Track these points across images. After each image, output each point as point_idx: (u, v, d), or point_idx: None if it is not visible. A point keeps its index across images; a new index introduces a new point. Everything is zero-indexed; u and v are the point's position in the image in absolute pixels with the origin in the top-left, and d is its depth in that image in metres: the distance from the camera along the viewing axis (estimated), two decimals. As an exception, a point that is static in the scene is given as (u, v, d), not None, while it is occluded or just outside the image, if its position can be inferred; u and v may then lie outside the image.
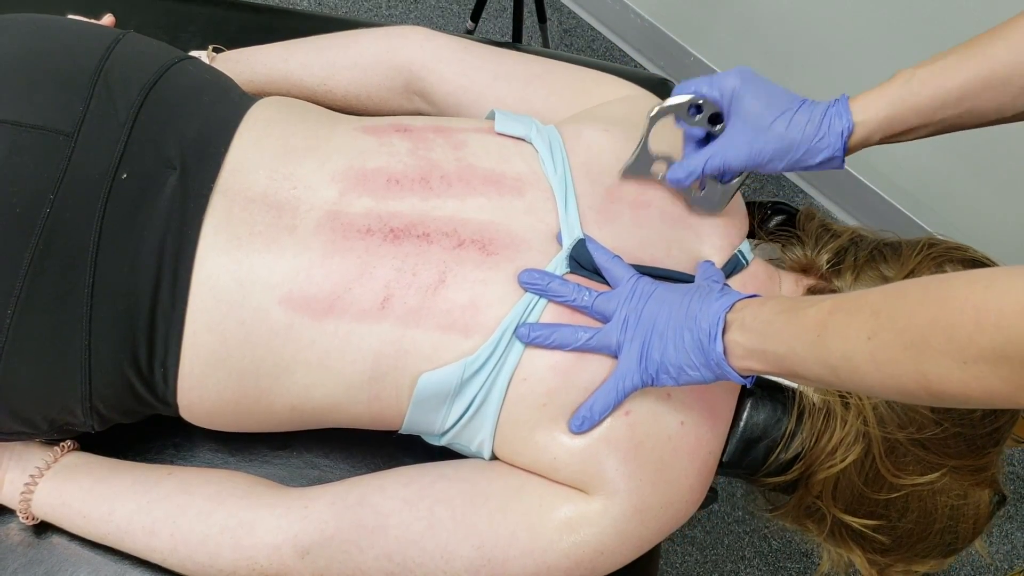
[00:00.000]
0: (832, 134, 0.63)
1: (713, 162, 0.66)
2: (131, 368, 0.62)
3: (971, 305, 0.41)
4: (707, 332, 0.56)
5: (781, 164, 0.65)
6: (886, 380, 0.46)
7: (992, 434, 0.65)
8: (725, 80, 0.65)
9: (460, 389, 0.63)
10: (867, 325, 0.46)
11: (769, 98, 0.64)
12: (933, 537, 0.68)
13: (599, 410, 0.62)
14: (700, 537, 1.48)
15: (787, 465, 0.70)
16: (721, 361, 0.55)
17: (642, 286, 0.62)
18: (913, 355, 0.44)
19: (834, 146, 0.63)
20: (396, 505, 0.63)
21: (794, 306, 0.52)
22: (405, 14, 1.97)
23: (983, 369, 0.41)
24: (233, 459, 0.72)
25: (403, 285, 0.63)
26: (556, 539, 0.62)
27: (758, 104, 0.64)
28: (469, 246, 0.65)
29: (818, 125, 0.63)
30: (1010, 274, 0.41)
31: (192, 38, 0.93)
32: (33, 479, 0.65)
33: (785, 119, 0.63)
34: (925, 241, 0.70)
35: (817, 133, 0.63)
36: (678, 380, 0.59)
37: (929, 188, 1.62)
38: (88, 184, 0.60)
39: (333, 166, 0.66)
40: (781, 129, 0.63)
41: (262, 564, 0.61)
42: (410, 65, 0.80)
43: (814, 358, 0.50)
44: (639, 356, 0.60)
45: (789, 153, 0.64)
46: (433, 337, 0.63)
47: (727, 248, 0.71)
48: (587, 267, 0.66)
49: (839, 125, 0.62)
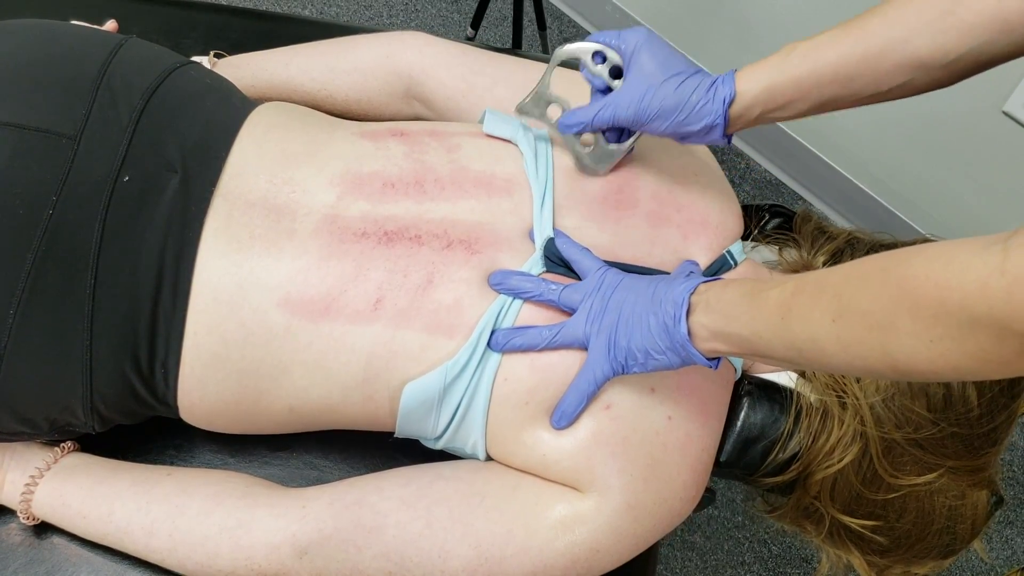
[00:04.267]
0: (716, 100, 0.63)
1: (603, 114, 0.67)
2: (132, 369, 0.62)
3: (932, 284, 0.41)
4: (671, 314, 0.56)
5: (664, 124, 0.65)
6: (853, 360, 0.46)
7: (989, 434, 0.65)
8: (630, 36, 0.67)
9: (444, 395, 0.64)
10: (831, 307, 0.47)
11: (666, 60, 0.65)
12: (931, 538, 0.68)
13: (575, 403, 0.62)
14: (700, 542, 1.47)
15: (785, 465, 0.70)
16: (686, 343, 0.56)
17: (609, 277, 0.63)
18: (878, 336, 0.44)
19: (715, 112, 0.63)
20: (394, 505, 0.63)
21: (757, 288, 0.53)
22: (406, 22, 1.99)
23: (949, 346, 0.41)
24: (233, 460, 0.72)
25: (394, 286, 0.63)
26: (552, 537, 0.63)
27: (653, 63, 0.65)
28: (457, 246, 0.65)
29: (704, 91, 0.64)
30: (967, 249, 0.41)
31: (194, 44, 0.94)
32: (33, 479, 0.65)
33: (675, 80, 0.64)
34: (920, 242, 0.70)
35: (703, 98, 0.64)
36: (646, 366, 0.59)
37: (923, 192, 1.63)
38: (90, 187, 0.60)
39: (331, 171, 0.67)
40: (670, 89, 0.64)
41: (260, 564, 0.62)
42: (410, 70, 0.81)
43: (779, 340, 0.50)
44: (607, 345, 0.60)
45: (674, 114, 0.64)
46: (421, 338, 0.63)
47: (716, 249, 0.72)
48: (560, 264, 0.66)
49: (722, 92, 0.63)
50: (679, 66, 0.65)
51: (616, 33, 0.68)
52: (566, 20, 2.06)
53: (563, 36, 2.03)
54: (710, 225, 0.72)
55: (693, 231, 0.71)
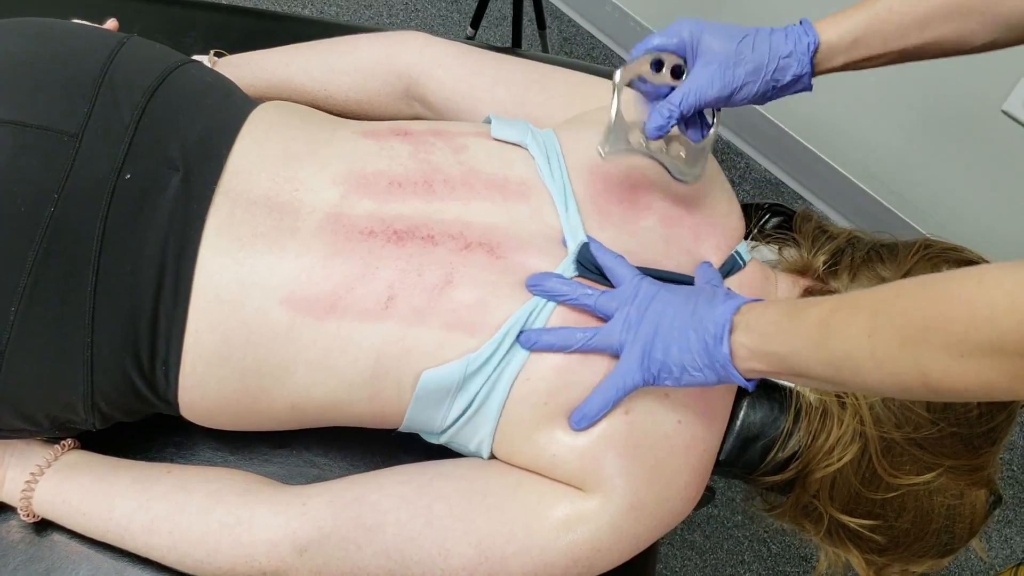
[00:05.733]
0: (799, 49, 0.62)
1: (689, 98, 0.65)
2: (133, 366, 0.62)
3: (964, 300, 0.42)
4: (713, 334, 0.56)
5: (755, 87, 0.64)
6: (886, 378, 0.46)
7: (988, 433, 0.65)
8: (679, 28, 0.65)
9: (463, 385, 0.63)
10: (867, 323, 0.47)
11: (727, 31, 0.65)
12: (930, 537, 0.69)
13: (599, 407, 0.62)
14: (699, 541, 1.47)
15: (784, 464, 0.70)
16: (727, 362, 0.56)
17: (645, 287, 0.63)
18: (912, 351, 0.44)
19: (802, 61, 0.63)
20: (394, 503, 0.63)
21: (797, 307, 0.53)
22: (406, 21, 1.99)
23: (980, 363, 0.42)
24: (233, 457, 0.72)
25: (408, 285, 0.63)
26: (553, 536, 0.63)
27: (718, 39, 0.64)
28: (476, 248, 0.65)
29: (783, 41, 0.63)
30: (1001, 269, 0.42)
31: (195, 43, 0.94)
32: (34, 477, 0.65)
33: (748, 42, 0.64)
34: (921, 242, 0.70)
35: (783, 49, 0.63)
36: (680, 381, 0.59)
37: (923, 191, 1.63)
38: (92, 184, 0.60)
39: (334, 170, 0.67)
40: (748, 52, 0.64)
41: (260, 561, 0.62)
42: (410, 70, 0.81)
43: (816, 358, 0.50)
44: (641, 355, 0.60)
45: (760, 72, 0.63)
46: (438, 335, 0.63)
47: (725, 249, 0.72)
48: (592, 270, 0.66)
49: (805, 39, 0.62)
50: (744, 31, 0.64)
51: (661, 34, 0.66)
52: (566, 19, 2.06)
53: (563, 35, 2.03)
54: (718, 225, 0.72)
55: (703, 231, 0.71)
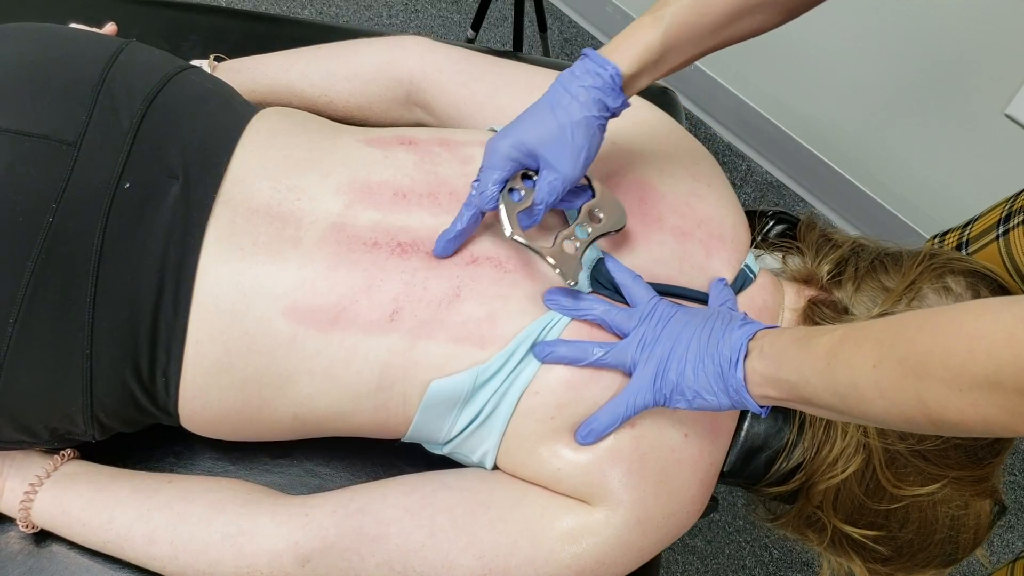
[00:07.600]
0: (607, 84, 0.61)
1: (548, 198, 0.61)
2: (133, 377, 0.62)
3: (963, 333, 0.42)
4: (728, 358, 0.56)
5: (595, 141, 0.62)
6: (890, 408, 0.47)
7: (992, 445, 0.65)
8: (500, 153, 0.62)
9: (471, 396, 0.63)
10: (873, 353, 0.47)
11: (534, 114, 0.62)
12: (933, 547, 0.68)
13: (608, 424, 0.62)
14: (701, 546, 1.47)
15: (788, 475, 0.70)
16: (741, 388, 0.55)
17: (662, 308, 0.62)
18: (913, 383, 0.45)
19: (615, 96, 0.61)
20: (397, 513, 0.63)
21: (808, 335, 0.53)
22: (406, 23, 1.98)
23: (978, 396, 0.42)
24: (234, 467, 0.72)
25: (413, 299, 0.63)
26: (558, 549, 0.62)
27: (535, 124, 0.62)
28: (484, 263, 0.65)
29: (586, 91, 0.60)
30: (1000, 303, 0.42)
31: (194, 47, 0.93)
32: (33, 487, 0.65)
33: (564, 116, 0.61)
34: (926, 251, 0.70)
35: (593, 95, 0.60)
36: (692, 404, 0.59)
37: (925, 195, 1.63)
38: (91, 193, 0.60)
39: (337, 178, 0.67)
40: (572, 116, 0.61)
41: (263, 572, 0.61)
42: (411, 76, 0.80)
43: (823, 385, 0.50)
44: (654, 376, 0.60)
45: (591, 129, 0.61)
46: (446, 348, 0.63)
47: (735, 263, 0.71)
48: (607, 286, 0.66)
49: (606, 73, 0.60)
50: (547, 102, 0.62)
51: (493, 167, 0.62)
52: (567, 21, 2.05)
53: (563, 37, 2.02)
54: (727, 239, 0.72)
55: (713, 246, 0.71)
